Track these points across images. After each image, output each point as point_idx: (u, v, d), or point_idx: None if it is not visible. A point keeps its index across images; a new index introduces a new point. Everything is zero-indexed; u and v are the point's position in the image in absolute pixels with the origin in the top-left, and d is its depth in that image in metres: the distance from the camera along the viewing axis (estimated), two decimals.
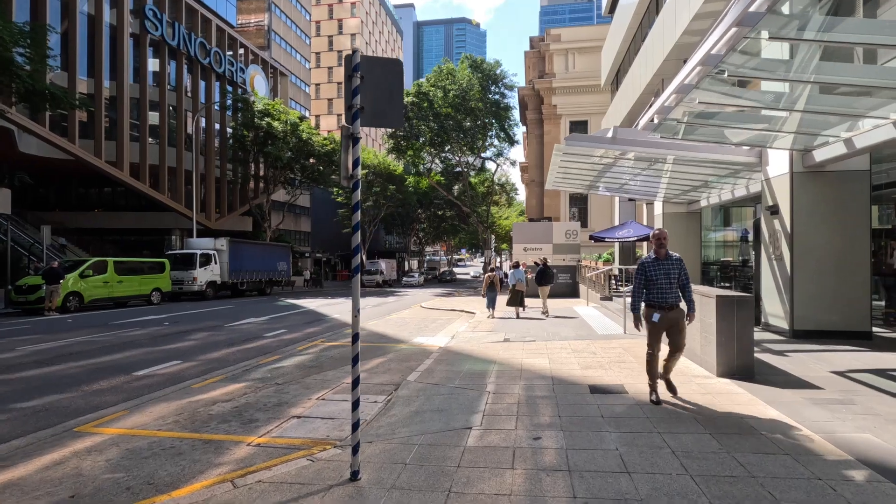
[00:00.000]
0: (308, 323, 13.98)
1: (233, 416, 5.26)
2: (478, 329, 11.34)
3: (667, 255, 4.97)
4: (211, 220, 32.88)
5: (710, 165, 9.83)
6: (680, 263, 4.99)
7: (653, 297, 4.95)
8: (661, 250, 4.99)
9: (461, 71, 37.93)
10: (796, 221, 7.91)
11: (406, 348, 9.57)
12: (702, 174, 10.90)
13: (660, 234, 5.03)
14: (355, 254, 3.50)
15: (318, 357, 8.70)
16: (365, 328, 12.86)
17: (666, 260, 4.96)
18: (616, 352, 7.90)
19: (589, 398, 5.29)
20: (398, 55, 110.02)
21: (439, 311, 17.48)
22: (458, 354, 8.18)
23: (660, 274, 4.91)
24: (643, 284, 5.05)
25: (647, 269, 5.00)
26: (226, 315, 15.67)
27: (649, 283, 4.97)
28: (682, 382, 5.77)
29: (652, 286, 4.95)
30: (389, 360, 8.39)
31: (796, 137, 7.54)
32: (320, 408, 5.55)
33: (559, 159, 12.00)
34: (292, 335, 11.55)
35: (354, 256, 3.51)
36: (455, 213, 51.70)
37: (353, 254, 3.51)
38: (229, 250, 24.49)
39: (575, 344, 8.77)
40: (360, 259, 3.49)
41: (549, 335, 9.97)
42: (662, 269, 4.92)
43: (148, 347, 9.59)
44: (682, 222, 15.37)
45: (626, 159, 10.70)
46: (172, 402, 5.84)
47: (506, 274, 17.91)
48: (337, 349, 9.51)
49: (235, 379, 7.00)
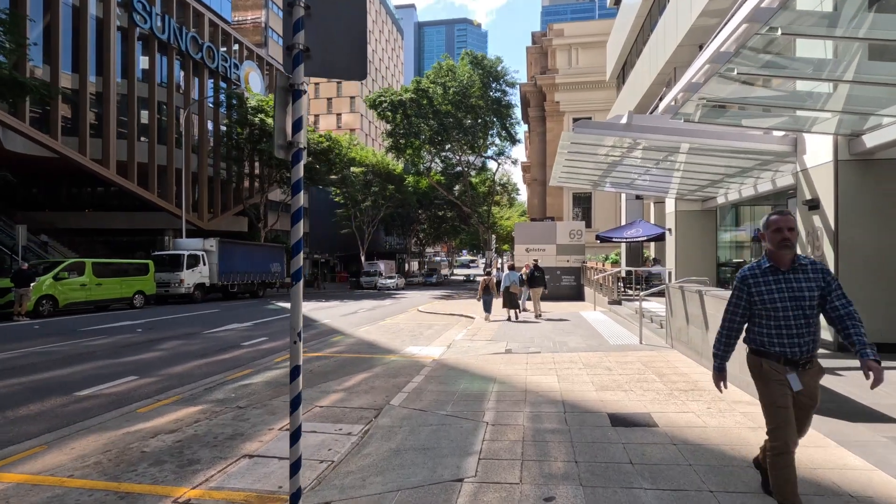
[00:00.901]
0: None
1: (170, 456, 4.25)
2: (476, 337, 10.32)
3: (798, 262, 2.73)
4: (203, 221, 31.89)
5: (734, 156, 8.80)
6: (826, 275, 2.73)
7: (774, 341, 2.71)
8: (785, 253, 2.70)
9: (461, 67, 36.92)
10: (842, 217, 6.89)
11: (396, 360, 8.55)
12: (723, 167, 9.87)
13: (783, 222, 2.69)
14: (295, 252, 2.49)
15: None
16: (354, 335, 11.85)
17: (797, 271, 2.72)
18: (635, 367, 6.87)
19: (611, 433, 4.27)
20: (399, 55, 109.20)
21: (437, 316, 16.47)
22: (453, 369, 7.16)
23: (785, 297, 2.68)
24: (743, 316, 2.85)
25: (758, 289, 2.75)
26: (207, 320, 14.66)
27: (762, 315, 2.75)
28: (720, 411, 4.75)
29: (768, 320, 2.73)
30: (375, 375, 7.37)
31: (842, 119, 6.52)
32: (282, 442, 4.54)
33: (566, 151, 11.00)
34: (273, 343, 10.54)
35: (294, 257, 2.50)
36: (456, 213, 50.67)
37: (293, 252, 2.50)
38: (219, 251, 23.50)
39: (586, 357, 7.74)
40: (301, 261, 2.48)
41: (556, 345, 8.94)
42: (791, 288, 2.69)
43: (106, 360, 8.58)
44: (696, 221, 14.34)
45: (639, 150, 9.69)
46: (105, 433, 4.83)
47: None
48: (319, 361, 8.50)
49: (192, 401, 5.99)
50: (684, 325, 7.40)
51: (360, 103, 76.75)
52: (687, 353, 7.32)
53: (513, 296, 12.93)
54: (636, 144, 9.30)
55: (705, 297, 6.41)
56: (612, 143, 9.74)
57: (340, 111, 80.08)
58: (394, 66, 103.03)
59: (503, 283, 13.08)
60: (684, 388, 5.67)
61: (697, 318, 6.73)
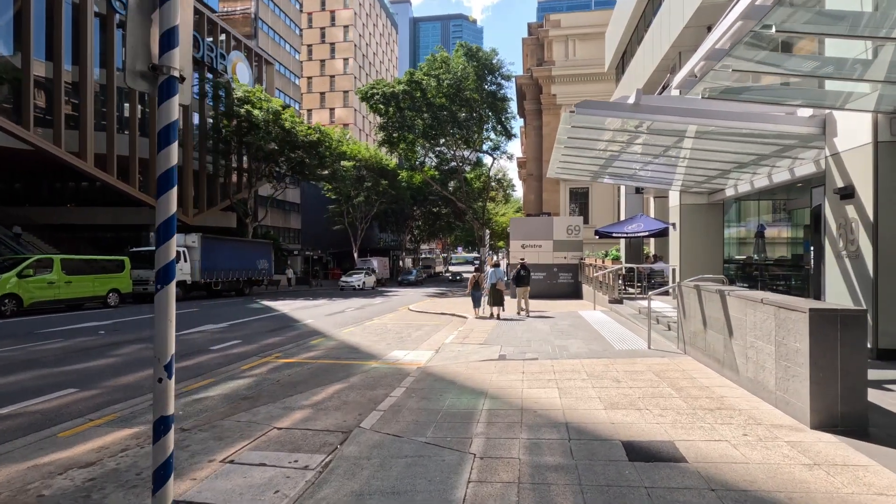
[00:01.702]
0: (271, 331, 12.04)
1: (72, 502, 3.35)
2: (468, 340, 9.45)
3: None
4: (189, 216, 30.80)
5: (751, 141, 7.96)
6: None
7: None
8: None
9: (456, 60, 35.91)
10: (882, 207, 6.05)
11: (377, 368, 7.67)
12: (736, 154, 9.03)
13: None
14: (164, 237, 1.59)
15: (260, 382, 6.78)
16: (336, 338, 10.95)
17: None
18: (646, 378, 6.01)
19: (629, 471, 3.40)
20: (393, 49, 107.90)
21: (428, 315, 15.59)
22: (439, 380, 6.28)
23: None
24: None
25: None
26: (181, 321, 13.70)
27: None
28: (760, 439, 3.89)
29: None
30: (350, 386, 6.48)
31: (883, 93, 5.66)
32: (219, 480, 3.64)
33: (565, 136, 10.13)
34: (245, 348, 9.63)
35: (160, 246, 1.59)
36: (451, 210, 49.72)
37: (160, 239, 1.59)
38: (201, 247, 22.49)
39: (590, 365, 6.88)
40: (172, 250, 1.57)
41: (555, 350, 8.08)
42: None
43: (50, 368, 7.64)
44: (702, 216, 13.52)
45: (645, 134, 8.82)
46: (5, 467, 3.92)
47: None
48: (290, 369, 7.59)
49: (129, 421, 5.08)
50: (700, 329, 6.56)
51: (353, 98, 75.57)
52: (705, 362, 6.48)
53: (499, 293, 12.94)
54: (641, 130, 8.44)
55: (728, 298, 5.56)
56: (617, 128, 8.88)
57: (334, 106, 78.89)
58: (388, 60, 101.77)
59: (489, 281, 13.18)
60: (709, 405, 4.81)
61: (718, 322, 5.87)
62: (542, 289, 19.84)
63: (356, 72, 79.58)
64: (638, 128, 8.94)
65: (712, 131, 7.56)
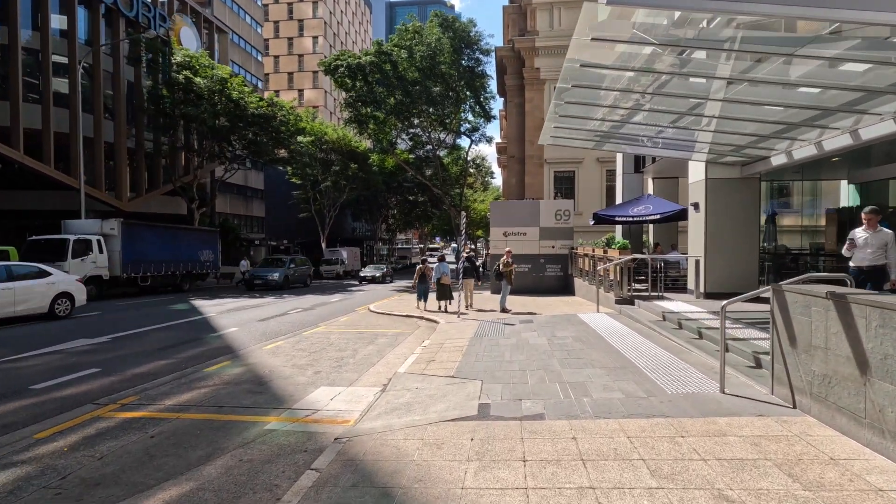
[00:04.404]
0: (163, 350, 8.66)
1: None
2: (434, 365, 6.40)
3: None
4: (122, 201, 26.69)
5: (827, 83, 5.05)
6: None
7: None
8: None
9: (430, 30, 32.44)
10: None
11: (273, 432, 4.52)
12: (829, 88, 6.16)
13: None
14: None
15: (28, 481, 3.56)
16: (249, 359, 7.73)
17: None
18: (775, 483, 3.03)
19: None
20: (367, 29, 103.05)
21: (390, 319, 12.48)
22: (365, 479, 3.18)
23: None
24: None
25: None
26: (43, 334, 10.18)
27: None
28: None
29: None
30: (199, 489, 3.33)
31: None
32: None
33: (570, 78, 7.15)
34: (92, 384, 6.31)
35: None
36: (427, 198, 46.39)
37: None
38: (122, 235, 18.74)
39: (641, 433, 3.87)
40: None
41: (567, 391, 5.05)
42: None
43: None
44: (734, 193, 10.71)
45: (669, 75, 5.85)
46: None
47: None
48: (122, 437, 4.37)
49: None
50: (845, 372, 3.63)
51: (324, 79, 70.92)
52: (865, 438, 3.55)
53: (446, 287, 12.59)
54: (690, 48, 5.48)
55: None
56: (640, 67, 5.91)
57: (303, 87, 74.27)
58: (361, 41, 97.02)
59: (434, 275, 13.01)
60: None
61: None
62: (528, 283, 16.95)
63: (327, 51, 74.80)
64: (683, 54, 6.02)
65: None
